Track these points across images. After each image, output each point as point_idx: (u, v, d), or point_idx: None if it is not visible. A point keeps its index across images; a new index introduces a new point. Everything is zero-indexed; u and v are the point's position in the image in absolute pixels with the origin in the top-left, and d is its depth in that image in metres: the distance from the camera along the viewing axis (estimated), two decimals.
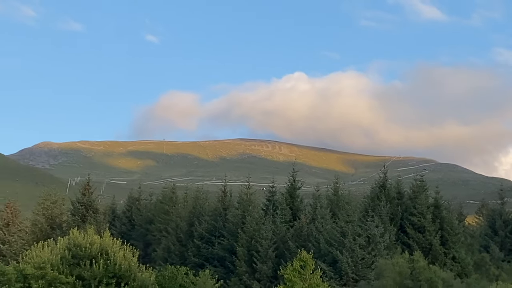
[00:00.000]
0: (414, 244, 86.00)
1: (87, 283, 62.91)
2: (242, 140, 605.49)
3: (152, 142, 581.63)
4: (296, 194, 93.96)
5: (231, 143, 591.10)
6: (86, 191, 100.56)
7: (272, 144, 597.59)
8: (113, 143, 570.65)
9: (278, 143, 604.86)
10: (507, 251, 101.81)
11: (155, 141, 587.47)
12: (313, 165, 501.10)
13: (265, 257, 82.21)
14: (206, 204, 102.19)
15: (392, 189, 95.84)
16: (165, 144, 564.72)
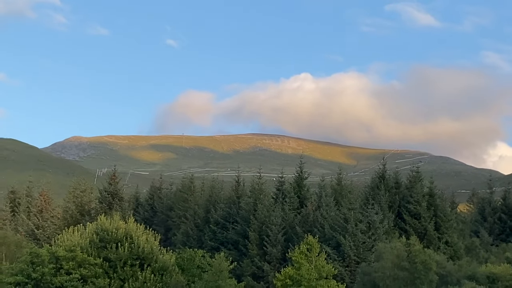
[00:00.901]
0: (410, 229, 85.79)
1: (113, 264, 63.07)
2: (253, 135, 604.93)
3: (172, 137, 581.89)
4: (303, 184, 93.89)
5: (244, 137, 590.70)
6: (112, 181, 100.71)
7: (281, 138, 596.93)
8: (136, 137, 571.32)
9: (287, 137, 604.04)
10: (496, 236, 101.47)
11: (174, 135, 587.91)
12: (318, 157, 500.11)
13: (275, 241, 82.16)
14: (221, 192, 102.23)
15: (390, 180, 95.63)
16: (184, 138, 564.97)
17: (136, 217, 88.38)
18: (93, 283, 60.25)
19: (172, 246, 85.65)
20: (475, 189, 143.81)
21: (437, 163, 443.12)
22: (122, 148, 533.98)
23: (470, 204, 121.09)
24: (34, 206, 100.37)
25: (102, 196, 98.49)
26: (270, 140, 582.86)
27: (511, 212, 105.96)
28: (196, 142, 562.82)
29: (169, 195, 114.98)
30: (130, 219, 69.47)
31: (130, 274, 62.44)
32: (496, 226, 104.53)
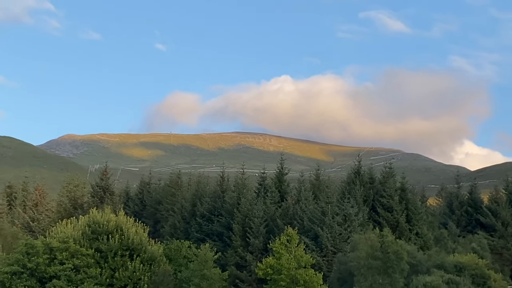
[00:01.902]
0: (383, 221, 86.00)
1: (104, 254, 62.83)
2: (237, 133, 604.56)
3: (160, 135, 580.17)
4: (284, 179, 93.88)
5: (228, 135, 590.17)
6: (104, 176, 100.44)
7: (263, 136, 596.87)
8: (127, 135, 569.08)
9: (268, 135, 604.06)
10: (462, 227, 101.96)
11: (163, 133, 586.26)
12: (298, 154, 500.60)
13: (257, 232, 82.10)
14: (207, 187, 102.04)
15: (365, 175, 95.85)
16: (172, 136, 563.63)
17: (126, 211, 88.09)
18: (85, 273, 59.98)
19: (161, 238, 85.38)
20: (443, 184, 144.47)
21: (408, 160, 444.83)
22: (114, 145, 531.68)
23: (439, 198, 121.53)
24: (30, 200, 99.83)
25: (94, 190, 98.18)
26: (253, 138, 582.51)
27: (477, 205, 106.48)
28: (183, 140, 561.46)
29: (158, 190, 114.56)
30: (121, 212, 69.23)
31: (120, 264, 62.24)
32: (463, 218, 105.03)
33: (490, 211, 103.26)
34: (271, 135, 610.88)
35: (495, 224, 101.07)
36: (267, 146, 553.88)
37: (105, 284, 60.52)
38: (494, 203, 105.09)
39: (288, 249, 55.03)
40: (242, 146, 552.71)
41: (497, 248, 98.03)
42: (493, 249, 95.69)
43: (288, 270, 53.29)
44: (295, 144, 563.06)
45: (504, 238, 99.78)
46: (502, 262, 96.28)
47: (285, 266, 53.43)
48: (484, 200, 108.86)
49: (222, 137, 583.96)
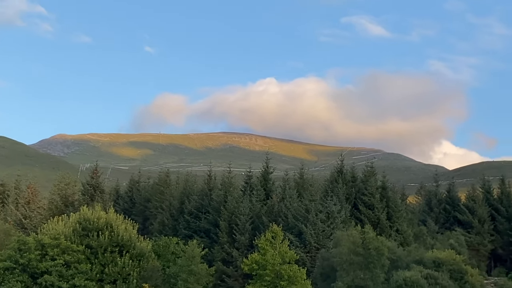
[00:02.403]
0: (365, 219, 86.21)
1: (94, 251, 62.59)
2: (224, 133, 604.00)
3: (149, 135, 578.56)
4: (269, 178, 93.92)
5: (215, 135, 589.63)
6: (94, 175, 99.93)
7: (249, 136, 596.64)
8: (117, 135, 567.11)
9: (254, 135, 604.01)
10: (441, 224, 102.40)
11: (152, 133, 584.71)
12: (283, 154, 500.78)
13: (243, 229, 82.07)
14: (194, 185, 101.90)
15: (347, 174, 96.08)
16: (161, 136, 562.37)
17: (116, 208, 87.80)
18: (76, 268, 59.70)
19: (149, 234, 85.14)
20: (422, 182, 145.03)
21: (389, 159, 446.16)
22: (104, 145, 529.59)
23: (418, 196, 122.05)
24: (22, 198, 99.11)
25: (85, 188, 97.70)
26: (239, 138, 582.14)
27: (454, 203, 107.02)
28: (172, 140, 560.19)
29: (147, 188, 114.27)
30: (111, 209, 68.98)
31: (110, 260, 62.02)
32: (441, 215, 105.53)
33: (467, 209, 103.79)
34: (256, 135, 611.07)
35: (472, 221, 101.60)
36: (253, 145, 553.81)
37: (95, 280, 60.29)
38: (471, 201, 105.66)
39: (273, 245, 55.03)
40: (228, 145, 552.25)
41: (474, 244, 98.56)
42: (470, 245, 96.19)
43: (272, 265, 53.29)
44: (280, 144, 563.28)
45: (480, 235, 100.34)
46: (478, 258, 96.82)
47: (270, 262, 53.43)
48: (462, 198, 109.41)
49: (209, 137, 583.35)
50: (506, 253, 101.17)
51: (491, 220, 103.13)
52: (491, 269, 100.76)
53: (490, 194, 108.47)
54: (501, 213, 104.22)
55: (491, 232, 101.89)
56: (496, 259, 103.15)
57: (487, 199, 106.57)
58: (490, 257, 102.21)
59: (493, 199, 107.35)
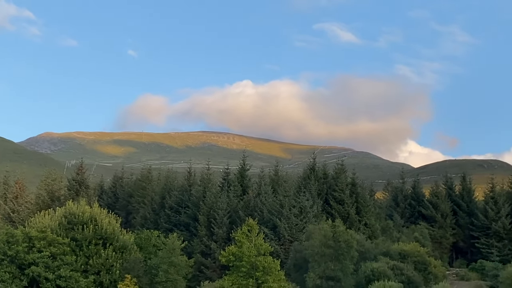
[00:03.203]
0: (335, 213, 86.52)
1: (79, 243, 62.18)
2: (203, 132, 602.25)
3: (133, 133, 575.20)
4: (246, 175, 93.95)
5: (195, 134, 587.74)
6: (80, 171, 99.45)
7: (227, 135, 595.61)
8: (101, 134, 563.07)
9: (232, 134, 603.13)
10: (406, 219, 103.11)
11: (135, 132, 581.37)
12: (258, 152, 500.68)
13: (221, 223, 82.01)
14: (175, 182, 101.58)
15: (319, 171, 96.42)
16: (143, 134, 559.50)
17: (100, 203, 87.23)
18: (62, 260, 59.21)
19: (132, 228, 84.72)
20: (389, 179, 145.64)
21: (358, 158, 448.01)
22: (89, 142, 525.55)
23: (385, 192, 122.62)
24: (10, 193, 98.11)
25: (71, 184, 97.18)
26: (217, 137, 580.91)
27: (419, 199, 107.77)
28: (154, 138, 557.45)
29: (130, 184, 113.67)
30: (95, 204, 68.52)
31: (94, 252, 61.64)
32: (406, 210, 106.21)
33: (431, 204, 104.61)
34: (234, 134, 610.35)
35: (435, 215, 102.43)
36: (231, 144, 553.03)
37: (80, 271, 59.87)
38: (435, 197, 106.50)
39: (249, 238, 55.03)
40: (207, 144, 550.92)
41: (437, 237, 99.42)
42: (433, 238, 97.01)
43: (248, 257, 53.29)
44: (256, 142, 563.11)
45: (443, 228, 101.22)
46: (441, 250, 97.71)
47: (246, 254, 53.42)
48: (426, 194, 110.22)
49: (189, 135, 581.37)
50: (467, 245, 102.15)
51: (453, 215, 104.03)
52: (453, 261, 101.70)
53: (452, 191, 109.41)
54: (462, 208, 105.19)
55: (453, 226, 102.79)
56: (458, 251, 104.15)
57: (450, 195, 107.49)
58: (452, 249, 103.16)
59: (455, 195, 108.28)
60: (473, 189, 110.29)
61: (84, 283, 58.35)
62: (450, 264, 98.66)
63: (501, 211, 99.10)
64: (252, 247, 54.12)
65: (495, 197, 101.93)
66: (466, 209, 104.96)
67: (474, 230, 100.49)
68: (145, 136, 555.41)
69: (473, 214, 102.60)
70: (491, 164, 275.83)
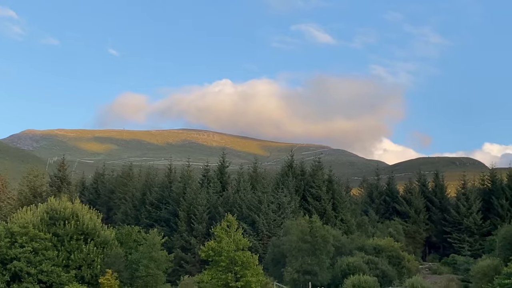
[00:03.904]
0: (312, 209, 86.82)
1: (61, 238, 61.75)
2: (184, 130, 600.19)
3: (114, 131, 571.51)
4: (225, 172, 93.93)
5: (175, 132, 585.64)
6: (61, 168, 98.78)
7: (207, 133, 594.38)
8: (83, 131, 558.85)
9: (212, 132, 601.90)
10: (381, 214, 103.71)
11: (116, 129, 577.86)
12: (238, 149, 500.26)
13: (201, 219, 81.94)
14: (155, 178, 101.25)
15: (297, 168, 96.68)
16: (124, 132, 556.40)
17: (82, 199, 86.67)
18: (43, 255, 58.76)
19: (113, 224, 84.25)
20: (365, 176, 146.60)
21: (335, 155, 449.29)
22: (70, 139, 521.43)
23: (361, 189, 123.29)
24: None
25: (52, 180, 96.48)
26: (197, 135, 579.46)
27: (393, 195, 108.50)
28: (135, 136, 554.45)
29: (111, 180, 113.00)
30: (76, 200, 68.08)
31: (76, 247, 61.25)
32: (381, 206, 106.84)
33: (405, 200, 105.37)
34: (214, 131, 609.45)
35: (409, 211, 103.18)
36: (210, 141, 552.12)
37: (62, 265, 59.45)
38: (409, 193, 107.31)
39: (228, 234, 55.00)
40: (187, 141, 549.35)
41: (411, 232, 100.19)
42: (407, 233, 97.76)
43: (227, 252, 53.27)
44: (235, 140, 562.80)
45: (416, 224, 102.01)
46: (414, 245, 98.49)
47: (225, 249, 53.40)
48: (400, 190, 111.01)
49: (170, 133, 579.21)
50: (439, 240, 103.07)
51: (426, 211, 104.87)
52: (426, 255, 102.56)
53: (425, 187, 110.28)
54: (435, 204, 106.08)
55: (426, 222, 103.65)
56: (430, 246, 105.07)
57: (423, 192, 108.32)
58: (425, 244, 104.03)
59: (428, 191, 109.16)
60: (445, 185, 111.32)
61: (65, 277, 57.95)
62: (423, 259, 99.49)
63: (472, 207, 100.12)
64: (231, 242, 54.11)
65: (466, 193, 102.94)
66: (439, 205, 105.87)
67: (446, 226, 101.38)
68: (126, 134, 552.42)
69: (445, 210, 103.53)
70: (463, 162, 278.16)
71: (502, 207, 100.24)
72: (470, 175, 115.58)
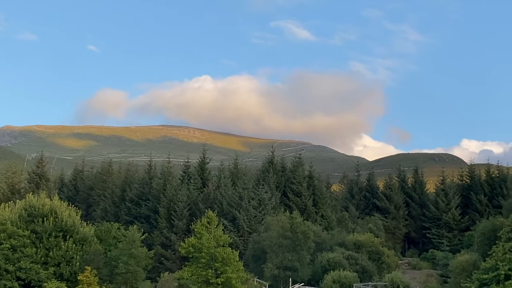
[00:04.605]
0: (293, 205, 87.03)
1: (39, 235, 61.29)
2: (164, 126, 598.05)
3: (93, 127, 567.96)
4: (206, 168, 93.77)
5: (156, 128, 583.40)
6: (40, 164, 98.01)
7: (188, 129, 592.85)
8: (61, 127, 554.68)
9: (192, 128, 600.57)
10: (361, 210, 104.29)
11: (95, 126, 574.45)
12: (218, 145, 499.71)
13: (181, 215, 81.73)
14: (135, 175, 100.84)
15: (278, 164, 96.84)
16: (104, 128, 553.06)
17: (61, 196, 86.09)
18: (22, 252, 58.30)
19: (93, 220, 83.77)
20: (345, 172, 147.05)
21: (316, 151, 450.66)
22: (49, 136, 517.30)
23: (341, 185, 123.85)
24: None
25: (31, 177, 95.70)
26: (178, 131, 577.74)
27: (373, 191, 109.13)
28: (114, 132, 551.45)
29: (90, 177, 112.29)
30: (55, 197, 67.61)
31: (54, 244, 60.85)
32: (361, 202, 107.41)
33: (384, 196, 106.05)
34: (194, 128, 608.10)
35: (389, 207, 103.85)
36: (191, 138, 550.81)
37: (40, 263, 59.02)
38: (388, 189, 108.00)
39: (208, 230, 54.93)
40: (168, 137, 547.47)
41: (390, 228, 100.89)
42: (387, 229, 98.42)
43: (208, 248, 53.21)
44: (216, 136, 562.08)
45: (396, 220, 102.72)
46: (394, 240, 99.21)
47: (205, 245, 53.32)
48: (380, 186, 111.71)
49: (150, 129, 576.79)
50: (419, 236, 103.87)
51: (405, 206, 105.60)
52: (405, 251, 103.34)
53: (405, 183, 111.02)
54: (415, 200, 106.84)
55: (405, 217, 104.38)
56: (410, 241, 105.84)
57: (402, 187, 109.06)
58: (404, 240, 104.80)
59: (407, 187, 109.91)
60: (424, 181, 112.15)
61: (44, 274, 57.53)
62: (403, 254, 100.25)
63: (451, 202, 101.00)
64: (212, 238, 54.05)
65: (445, 189, 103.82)
66: (418, 200, 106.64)
67: (425, 221, 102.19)
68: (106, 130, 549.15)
69: (424, 206, 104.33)
70: (442, 158, 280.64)
71: (480, 203, 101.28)
72: (449, 171, 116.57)
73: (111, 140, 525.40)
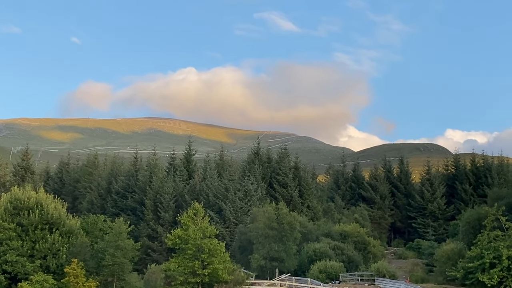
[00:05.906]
0: (279, 196, 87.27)
1: (25, 228, 60.92)
2: (149, 118, 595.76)
3: (78, 119, 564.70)
4: (191, 160, 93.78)
5: (141, 120, 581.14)
6: (25, 157, 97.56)
7: (173, 121, 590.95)
8: (46, 120, 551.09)
9: (178, 120, 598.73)
10: (347, 201, 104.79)
11: (80, 118, 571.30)
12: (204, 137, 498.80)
13: (167, 207, 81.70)
14: (121, 167, 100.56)
15: (263, 156, 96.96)
16: (89, 120, 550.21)
17: (47, 189, 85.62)
18: (8, 245, 58.00)
19: (79, 213, 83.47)
20: (331, 163, 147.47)
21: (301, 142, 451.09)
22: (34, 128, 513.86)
23: (327, 176, 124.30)
24: None
25: (16, 170, 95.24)
26: (163, 123, 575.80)
27: (359, 181, 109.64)
28: (100, 124, 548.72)
29: (76, 170, 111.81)
30: (41, 190, 67.19)
31: (41, 237, 60.52)
32: (347, 193, 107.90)
33: (370, 186, 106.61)
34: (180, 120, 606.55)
35: (374, 197, 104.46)
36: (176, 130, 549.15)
37: (27, 255, 58.72)
38: (374, 179, 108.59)
39: (195, 222, 55.01)
40: (153, 130, 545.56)
41: (376, 218, 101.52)
42: (372, 219, 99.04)
43: (194, 240, 53.30)
44: (201, 128, 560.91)
45: (382, 210, 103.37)
46: (380, 230, 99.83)
47: (192, 237, 53.41)
48: (366, 176, 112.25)
49: (135, 121, 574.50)
50: (404, 225, 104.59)
51: (391, 196, 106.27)
52: (391, 240, 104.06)
53: (390, 173, 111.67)
54: (400, 190, 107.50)
55: (391, 207, 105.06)
56: (396, 231, 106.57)
57: (388, 178, 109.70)
58: (390, 230, 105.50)
59: (393, 177, 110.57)
60: (410, 171, 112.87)
61: (30, 267, 57.27)
62: (389, 244, 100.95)
63: (437, 192, 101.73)
64: (198, 230, 54.13)
65: (431, 179, 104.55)
66: (404, 190, 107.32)
67: (411, 211, 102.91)
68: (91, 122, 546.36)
69: (410, 196, 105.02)
70: (427, 148, 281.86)
71: (465, 192, 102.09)
72: (434, 161, 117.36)
73: (97, 133, 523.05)
